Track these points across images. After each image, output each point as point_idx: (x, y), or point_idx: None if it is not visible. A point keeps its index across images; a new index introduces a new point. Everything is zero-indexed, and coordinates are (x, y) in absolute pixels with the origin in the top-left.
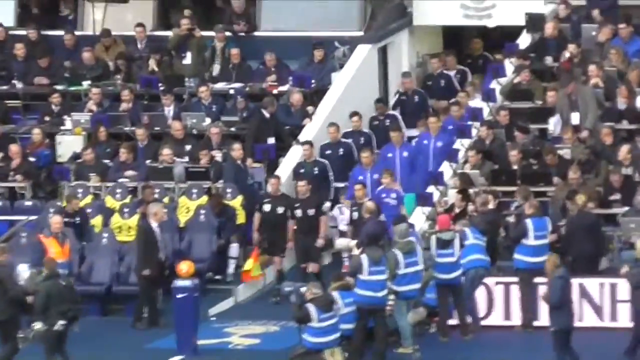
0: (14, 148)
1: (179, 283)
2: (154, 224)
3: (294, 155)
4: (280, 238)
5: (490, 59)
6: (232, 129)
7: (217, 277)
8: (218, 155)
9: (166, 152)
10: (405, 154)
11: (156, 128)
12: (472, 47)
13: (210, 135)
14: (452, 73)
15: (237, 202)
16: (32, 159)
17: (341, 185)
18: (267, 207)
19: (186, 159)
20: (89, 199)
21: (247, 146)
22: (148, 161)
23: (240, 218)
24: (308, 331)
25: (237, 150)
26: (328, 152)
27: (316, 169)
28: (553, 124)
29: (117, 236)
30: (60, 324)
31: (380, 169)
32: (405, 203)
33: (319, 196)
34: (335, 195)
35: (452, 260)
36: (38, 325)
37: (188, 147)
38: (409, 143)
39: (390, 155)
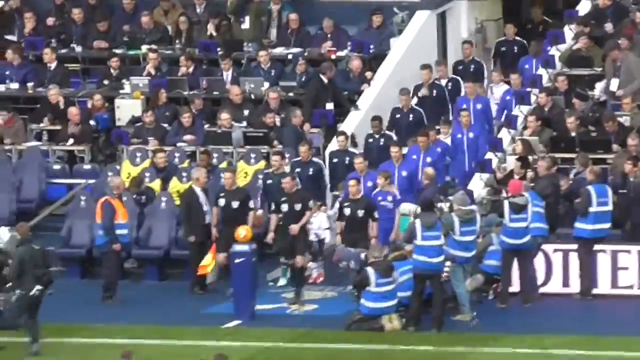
0: (73, 111)
1: (237, 248)
2: (197, 189)
3: (353, 121)
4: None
5: (550, 24)
6: (290, 94)
7: None
8: (277, 119)
9: (224, 116)
10: (404, 173)
11: (214, 92)
12: (533, 13)
13: (269, 100)
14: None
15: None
16: (91, 123)
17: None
18: (221, 202)
19: (244, 123)
20: (147, 162)
21: (305, 111)
22: (206, 126)
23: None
24: (365, 296)
25: (298, 116)
26: (297, 170)
27: (311, 169)
28: (599, 90)
29: (175, 200)
30: (36, 288)
31: (374, 177)
32: (401, 224)
33: (307, 193)
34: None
35: (524, 225)
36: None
37: (246, 112)
38: (406, 161)
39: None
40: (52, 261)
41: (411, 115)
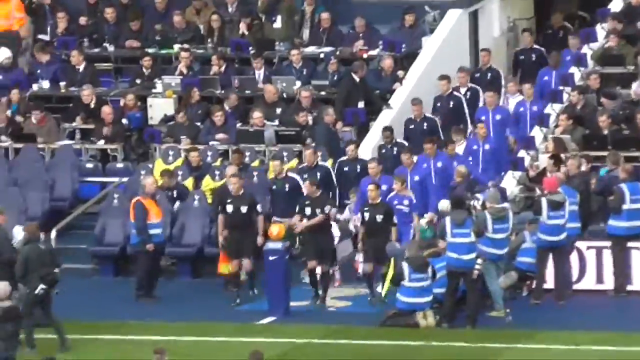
0: (106, 110)
1: (270, 246)
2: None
3: (385, 120)
4: (246, 239)
5: (585, 20)
6: (322, 92)
7: None
8: (309, 118)
9: (257, 115)
10: (416, 178)
11: (246, 91)
12: (552, 18)
13: (301, 99)
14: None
15: (328, 165)
16: (123, 122)
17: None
18: (229, 208)
19: (276, 122)
20: (179, 161)
21: (337, 110)
22: (239, 124)
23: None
24: (401, 291)
25: (330, 115)
26: (274, 187)
27: (318, 174)
28: (634, 88)
29: (208, 198)
30: (40, 287)
31: (388, 181)
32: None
33: (328, 198)
34: (339, 201)
35: (562, 222)
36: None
37: (278, 111)
38: (417, 167)
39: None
40: (59, 261)
41: (425, 125)
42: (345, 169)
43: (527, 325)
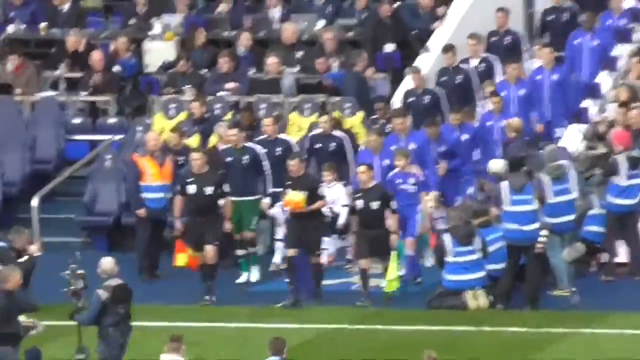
0: (95, 56)
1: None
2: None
3: (422, 65)
4: (211, 225)
5: None
6: (350, 33)
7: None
8: (334, 64)
9: (272, 60)
10: (411, 145)
11: (260, 33)
12: None
13: (324, 41)
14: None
15: (357, 120)
16: (115, 69)
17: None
18: (191, 188)
19: (296, 68)
20: (183, 115)
21: (366, 53)
22: (251, 71)
23: (361, 137)
24: (446, 268)
25: (364, 60)
26: (228, 159)
27: (334, 144)
28: None
29: None
30: None
31: (389, 154)
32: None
33: (315, 178)
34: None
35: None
36: None
37: (298, 55)
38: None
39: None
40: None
41: (426, 98)
42: (318, 145)
43: (597, 306)
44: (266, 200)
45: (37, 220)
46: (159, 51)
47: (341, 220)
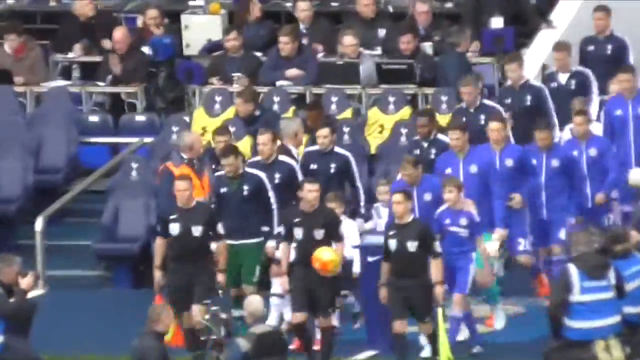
0: (118, 34)
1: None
2: (296, 151)
3: (543, 45)
4: (199, 276)
5: None
6: (448, 4)
7: None
8: (427, 45)
9: (348, 40)
10: (472, 169)
11: (332, 4)
12: None
13: (415, 15)
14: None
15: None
16: (144, 51)
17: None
18: (174, 228)
19: (378, 50)
20: (231, 111)
21: (468, 31)
22: (320, 54)
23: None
24: (571, 311)
25: (466, 38)
26: (223, 190)
27: (333, 164)
28: None
29: None
30: None
31: (434, 185)
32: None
33: (334, 211)
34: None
35: None
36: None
37: (381, 33)
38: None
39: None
40: None
41: (482, 117)
42: (314, 166)
43: None
44: (271, 244)
45: (42, 247)
46: (201, 27)
47: (357, 268)
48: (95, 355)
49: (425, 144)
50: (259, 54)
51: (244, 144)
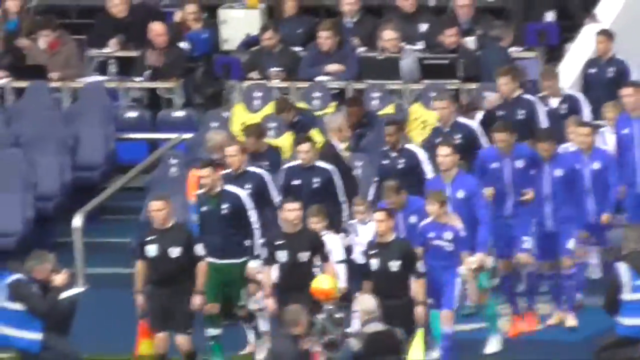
0: (156, 29)
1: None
2: (341, 146)
3: (587, 41)
4: (179, 300)
5: None
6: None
7: None
8: (470, 40)
9: (388, 35)
10: (460, 194)
11: None
12: None
13: (457, 9)
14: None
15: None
16: (182, 46)
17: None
18: (151, 249)
19: (420, 44)
20: (270, 107)
21: (511, 24)
22: (360, 49)
23: None
24: (622, 308)
25: (509, 33)
26: (203, 208)
27: (318, 178)
28: None
29: None
30: None
31: (417, 206)
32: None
33: (313, 232)
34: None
35: None
36: None
37: (423, 28)
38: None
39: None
40: None
41: (460, 136)
42: (296, 182)
43: None
44: (253, 265)
45: (81, 245)
46: (239, 22)
47: (342, 283)
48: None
49: (394, 154)
50: (298, 48)
51: (285, 140)
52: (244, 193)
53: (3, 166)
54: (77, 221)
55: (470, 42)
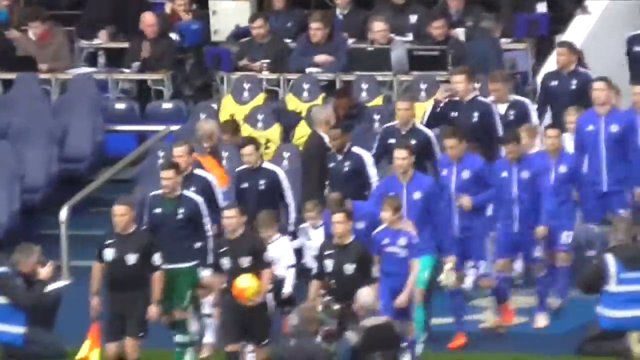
0: (146, 20)
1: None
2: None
3: (578, 32)
4: (133, 306)
5: None
6: None
7: None
8: (459, 31)
9: (378, 26)
10: (416, 195)
11: None
12: None
13: (447, 0)
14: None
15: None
16: (172, 37)
17: None
18: (109, 253)
19: (409, 36)
20: (260, 99)
21: (502, 16)
22: (350, 40)
23: None
24: (604, 300)
25: (498, 24)
26: (156, 210)
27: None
28: None
29: None
30: None
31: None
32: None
33: (257, 237)
34: None
35: None
36: None
37: (413, 19)
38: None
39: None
40: None
41: (414, 140)
42: (244, 185)
43: None
44: (205, 273)
45: (66, 237)
46: (229, 13)
47: (288, 288)
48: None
49: (340, 157)
50: (287, 40)
51: (273, 132)
52: (201, 199)
53: None
54: (64, 214)
55: (460, 33)
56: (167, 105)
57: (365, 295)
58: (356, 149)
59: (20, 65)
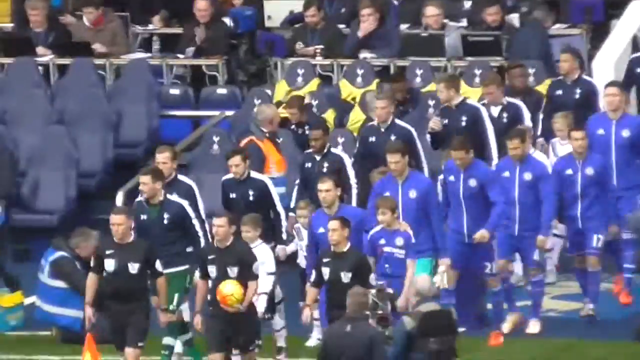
0: (200, 5)
1: None
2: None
3: (633, 16)
4: (134, 316)
5: None
6: None
7: None
8: (514, 17)
9: (431, 11)
10: (412, 194)
11: None
12: None
13: None
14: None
15: (542, 88)
16: (226, 22)
17: None
18: (110, 264)
19: (464, 21)
20: (314, 84)
21: (557, 2)
22: (404, 26)
23: None
24: None
25: (551, 13)
26: (142, 217)
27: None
28: None
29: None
30: None
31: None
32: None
33: (245, 245)
34: None
35: None
36: None
37: (467, 4)
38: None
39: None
40: None
41: (394, 136)
42: (233, 195)
43: None
44: (197, 277)
45: None
46: None
47: (266, 288)
48: None
49: (318, 157)
50: (341, 26)
51: (328, 117)
52: (186, 202)
53: (46, 143)
54: (119, 199)
55: (514, 19)
56: (221, 91)
57: (422, 281)
58: (335, 150)
59: (76, 50)
